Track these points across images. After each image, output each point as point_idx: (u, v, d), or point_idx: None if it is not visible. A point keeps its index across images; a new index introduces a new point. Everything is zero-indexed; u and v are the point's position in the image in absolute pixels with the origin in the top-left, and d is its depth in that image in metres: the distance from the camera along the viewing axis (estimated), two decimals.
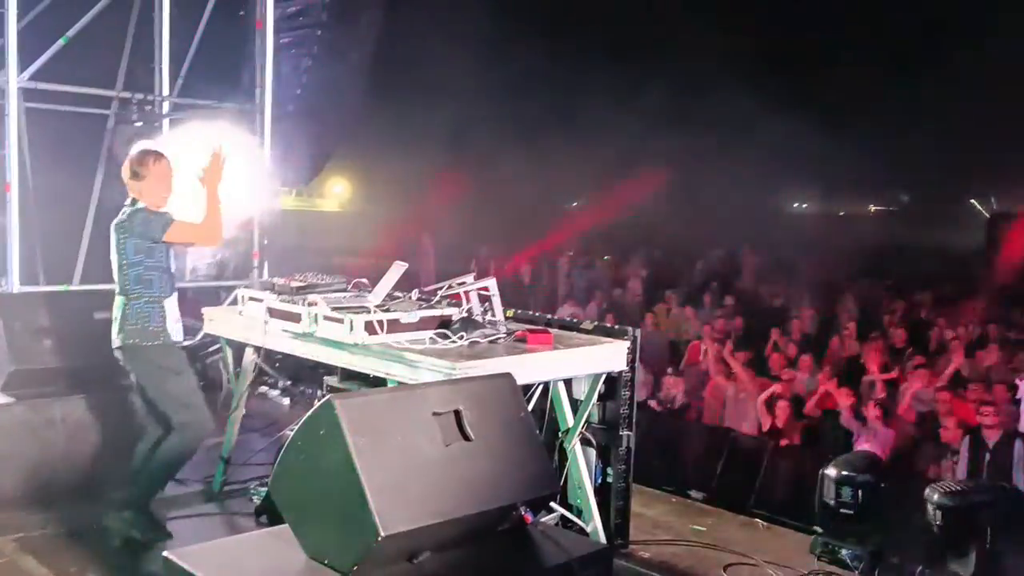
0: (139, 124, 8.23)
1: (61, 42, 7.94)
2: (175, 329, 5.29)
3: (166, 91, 8.89)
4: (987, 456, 7.69)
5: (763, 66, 20.45)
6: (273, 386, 8.77)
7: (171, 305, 5.27)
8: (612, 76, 19.62)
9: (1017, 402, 8.96)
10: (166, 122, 8.75)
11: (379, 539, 3.07)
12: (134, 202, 5.21)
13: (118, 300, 5.19)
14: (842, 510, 5.56)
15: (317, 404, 3.36)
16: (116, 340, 5.19)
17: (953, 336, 11.27)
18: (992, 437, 7.71)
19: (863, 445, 8.22)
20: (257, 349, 5.98)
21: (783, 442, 8.81)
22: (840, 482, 5.58)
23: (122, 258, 5.12)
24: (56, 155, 8.09)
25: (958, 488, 5.26)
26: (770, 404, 9.14)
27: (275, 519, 3.66)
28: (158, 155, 5.28)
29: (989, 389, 8.95)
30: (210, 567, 3.23)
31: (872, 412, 8.52)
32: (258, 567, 3.28)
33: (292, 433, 3.44)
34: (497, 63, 17.93)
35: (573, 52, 19.03)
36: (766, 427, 8.96)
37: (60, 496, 5.74)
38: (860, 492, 5.54)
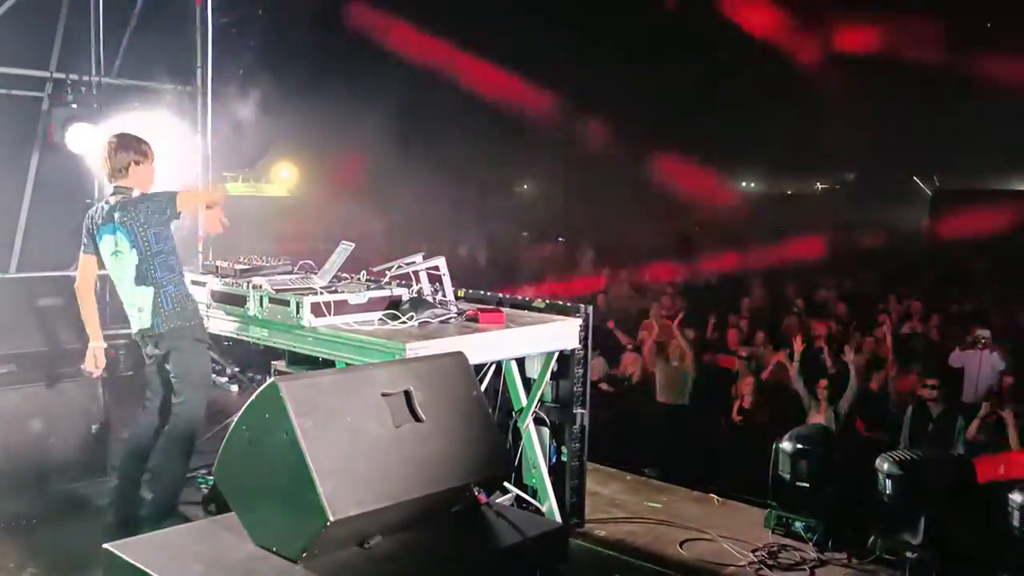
0: (74, 106, 7.95)
1: None
2: None
3: (103, 72, 8.62)
4: (929, 426, 7.80)
5: (708, 46, 20.51)
6: (221, 373, 8.60)
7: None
8: (562, 58, 19.54)
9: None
10: (103, 103, 8.48)
11: (328, 524, 2.99)
12: (121, 190, 5.04)
13: (141, 291, 5.00)
14: (795, 482, 5.59)
15: (261, 387, 3.26)
16: (152, 326, 5.01)
17: (895, 311, 11.41)
18: (936, 408, 7.81)
19: (815, 418, 8.29)
20: None
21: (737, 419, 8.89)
22: (792, 454, 5.59)
23: (145, 250, 4.95)
24: None
25: (909, 457, 5.30)
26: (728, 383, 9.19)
27: (224, 508, 3.55)
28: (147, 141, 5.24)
29: (932, 362, 9.08)
30: (152, 558, 3.12)
31: (821, 384, 8.59)
32: (202, 557, 3.17)
33: (236, 418, 3.34)
34: (447, 42, 17.77)
35: (529, 32, 18.90)
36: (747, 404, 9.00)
37: None
38: (812, 464, 5.57)
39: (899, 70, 19.22)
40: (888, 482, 5.22)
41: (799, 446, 5.60)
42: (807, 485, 5.52)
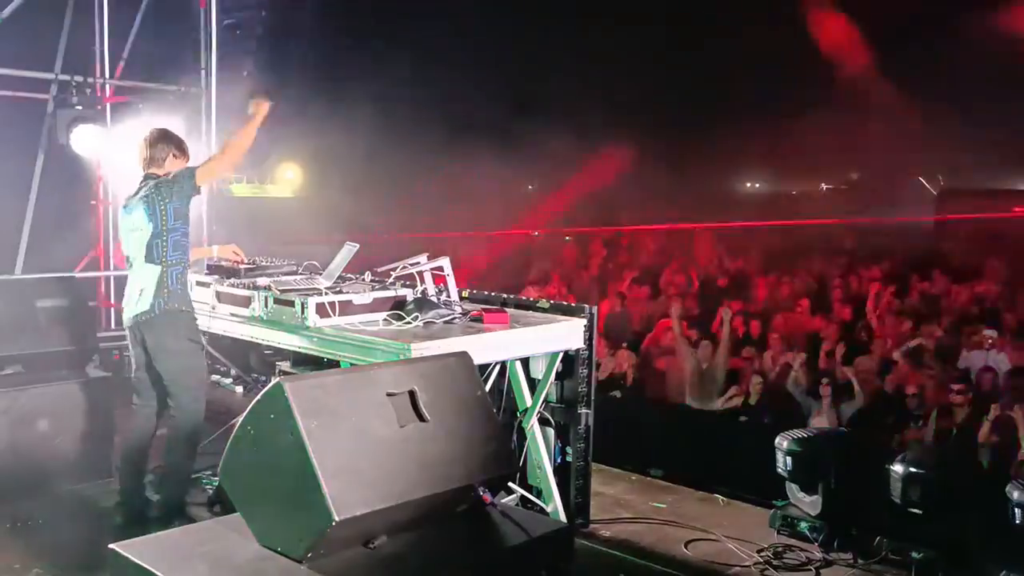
0: (79, 108, 7.97)
1: None
2: None
3: (107, 73, 8.64)
4: (954, 431, 7.78)
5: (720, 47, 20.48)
6: (225, 374, 8.61)
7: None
8: (574, 56, 19.51)
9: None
10: (108, 105, 8.51)
11: (333, 524, 2.99)
12: (152, 176, 5.15)
13: (148, 270, 5.04)
14: (800, 483, 5.57)
15: (266, 388, 3.26)
16: (151, 308, 5.03)
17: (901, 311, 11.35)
18: (961, 413, 7.78)
19: (817, 420, 8.28)
20: (206, 334, 5.84)
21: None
22: (791, 454, 5.57)
23: (160, 224, 5.00)
24: None
25: (923, 459, 5.28)
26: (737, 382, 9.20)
27: (229, 509, 3.56)
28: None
29: (940, 363, 9.05)
30: (158, 558, 3.13)
31: (823, 388, 8.57)
32: (208, 557, 3.18)
33: (241, 419, 3.34)
34: (452, 41, 17.74)
35: (530, 27, 18.88)
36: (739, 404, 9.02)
37: (3, 490, 5.56)
38: (812, 463, 5.55)
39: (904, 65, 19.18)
40: (899, 485, 5.21)
41: (800, 446, 5.58)
42: (811, 485, 5.51)
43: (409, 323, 4.86)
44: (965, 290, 12.51)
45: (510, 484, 5.06)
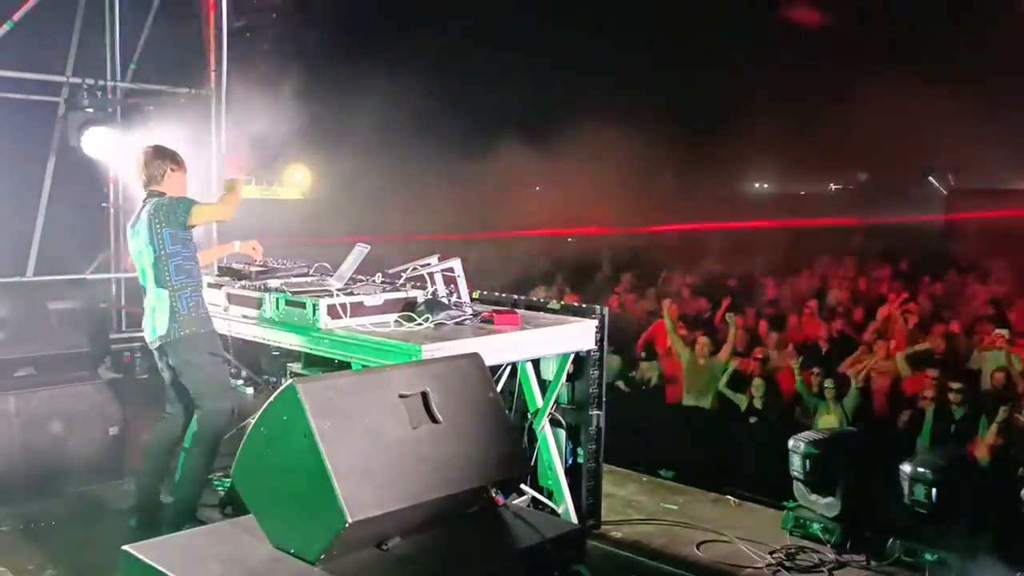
0: (90, 110, 7.99)
1: (6, 27, 7.70)
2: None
3: (118, 76, 8.67)
4: (952, 428, 7.75)
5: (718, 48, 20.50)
6: (236, 376, 8.62)
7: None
8: (582, 55, 19.53)
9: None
10: (119, 108, 8.53)
11: (346, 525, 2.99)
12: (155, 194, 5.16)
13: (158, 293, 5.07)
14: (817, 485, 5.55)
15: (279, 389, 3.27)
16: (168, 333, 5.06)
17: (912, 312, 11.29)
18: (960, 411, 7.76)
19: (825, 419, 8.25)
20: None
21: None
22: (809, 457, 5.55)
23: (159, 249, 5.02)
24: (5, 144, 7.86)
25: (936, 461, 5.26)
26: (742, 383, 9.17)
27: (240, 510, 3.57)
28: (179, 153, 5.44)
29: (948, 363, 9.01)
30: (171, 560, 3.13)
31: (828, 389, 8.54)
32: (221, 559, 3.18)
33: (254, 420, 3.35)
34: (459, 44, 17.79)
35: (540, 27, 18.91)
36: (743, 407, 8.99)
37: (16, 491, 5.59)
38: (828, 465, 5.53)
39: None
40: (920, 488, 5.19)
41: (812, 446, 5.56)
42: (823, 486, 5.50)
43: (420, 324, 4.86)
44: (978, 291, 12.46)
45: (521, 485, 5.06)
